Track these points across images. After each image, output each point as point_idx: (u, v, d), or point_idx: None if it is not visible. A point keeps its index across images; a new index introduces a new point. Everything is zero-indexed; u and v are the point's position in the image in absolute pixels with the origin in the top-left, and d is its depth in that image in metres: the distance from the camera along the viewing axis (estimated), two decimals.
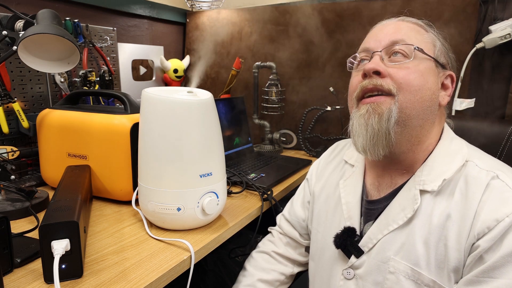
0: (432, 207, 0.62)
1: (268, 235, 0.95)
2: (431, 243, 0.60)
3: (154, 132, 0.75)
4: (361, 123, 0.65)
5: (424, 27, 0.70)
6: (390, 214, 0.66)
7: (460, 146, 0.67)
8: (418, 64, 0.65)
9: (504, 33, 1.18)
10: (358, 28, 1.41)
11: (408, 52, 0.65)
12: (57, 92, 1.19)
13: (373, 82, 0.64)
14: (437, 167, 0.65)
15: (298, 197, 0.91)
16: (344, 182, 0.78)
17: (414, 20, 0.71)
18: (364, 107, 0.65)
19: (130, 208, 0.90)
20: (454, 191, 0.62)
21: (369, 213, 0.71)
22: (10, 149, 1.02)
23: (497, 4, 1.24)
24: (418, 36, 0.67)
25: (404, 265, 0.62)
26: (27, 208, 0.84)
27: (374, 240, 0.66)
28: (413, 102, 0.63)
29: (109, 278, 0.62)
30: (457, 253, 0.58)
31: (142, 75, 1.65)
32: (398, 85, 0.63)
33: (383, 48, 0.66)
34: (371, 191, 0.73)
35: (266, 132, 1.54)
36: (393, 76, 0.64)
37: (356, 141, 0.67)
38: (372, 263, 0.66)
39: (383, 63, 0.65)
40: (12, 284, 0.60)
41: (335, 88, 1.46)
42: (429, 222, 0.61)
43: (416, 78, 0.63)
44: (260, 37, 1.61)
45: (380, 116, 0.63)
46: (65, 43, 0.92)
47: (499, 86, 1.29)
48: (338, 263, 0.72)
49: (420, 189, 0.64)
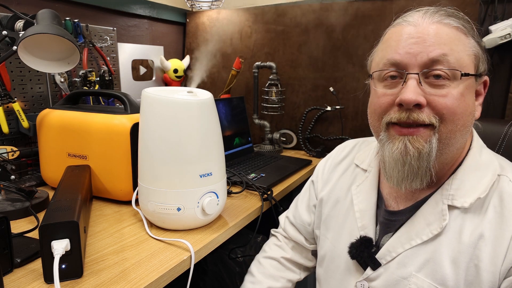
0: (461, 224, 0.58)
1: (273, 238, 0.91)
2: (461, 262, 0.56)
3: (154, 132, 0.75)
4: (397, 159, 0.58)
5: (464, 29, 0.59)
6: (414, 228, 0.61)
7: (490, 158, 0.62)
8: (459, 85, 0.56)
9: (504, 33, 1.18)
10: (358, 28, 1.41)
11: (451, 75, 0.56)
12: (57, 92, 1.19)
13: (413, 117, 0.56)
14: (468, 181, 0.59)
15: (303, 200, 0.87)
16: (357, 188, 0.72)
17: (454, 19, 0.58)
18: (399, 139, 0.58)
19: (130, 208, 0.90)
20: (487, 208, 0.57)
21: (389, 224, 0.66)
22: (10, 149, 1.02)
23: (497, 4, 1.24)
24: (461, 47, 0.57)
25: (428, 284, 0.58)
26: (27, 208, 0.84)
27: (393, 254, 0.62)
28: (455, 131, 0.57)
29: (109, 278, 0.62)
30: (491, 275, 0.53)
31: (142, 75, 1.65)
32: (440, 116, 0.56)
33: (421, 68, 0.56)
34: (389, 200, 0.68)
35: (266, 132, 1.54)
36: (434, 105, 0.56)
37: (390, 174, 0.61)
38: (391, 277, 0.62)
39: (421, 89, 0.56)
40: (12, 284, 0.60)
41: (335, 88, 1.46)
42: (458, 241, 0.57)
43: (460, 105, 0.56)
44: (260, 37, 1.61)
45: (420, 152, 0.56)
46: (65, 43, 0.92)
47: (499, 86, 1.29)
48: (351, 274, 0.68)
49: (449, 204, 0.59)
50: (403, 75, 0.58)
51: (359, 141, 0.84)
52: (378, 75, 0.62)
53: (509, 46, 1.22)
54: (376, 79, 0.63)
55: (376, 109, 0.62)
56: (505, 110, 1.28)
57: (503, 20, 1.21)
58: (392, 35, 0.62)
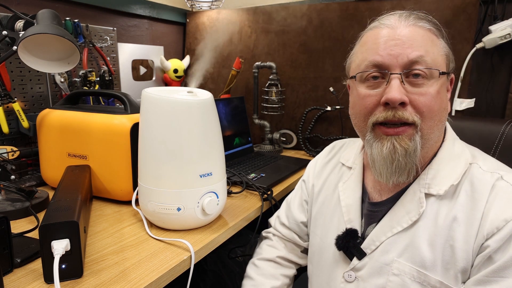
0: (436, 209, 0.62)
1: (265, 240, 0.92)
2: (437, 244, 0.60)
3: (154, 132, 0.75)
4: (386, 157, 0.62)
5: (436, 31, 0.64)
6: (395, 217, 0.65)
7: (462, 148, 0.67)
8: (435, 83, 0.61)
9: (504, 33, 1.19)
10: (359, 28, 1.41)
11: (429, 74, 0.61)
12: (57, 92, 1.19)
13: (399, 115, 0.60)
14: (442, 171, 0.64)
15: (295, 198, 0.89)
16: (343, 185, 0.76)
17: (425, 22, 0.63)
18: (387, 139, 0.62)
19: (130, 208, 0.90)
20: (459, 193, 0.62)
21: (372, 216, 0.70)
22: (10, 149, 1.02)
23: (497, 4, 1.24)
24: (435, 48, 0.62)
25: (409, 267, 0.62)
26: (27, 208, 0.84)
27: (377, 242, 0.66)
28: (433, 127, 0.62)
29: (109, 278, 0.62)
30: (465, 253, 0.58)
31: (142, 75, 1.65)
32: (421, 114, 0.60)
33: (402, 69, 0.60)
34: (373, 193, 0.72)
35: (266, 132, 1.54)
36: (415, 104, 0.60)
37: (380, 171, 0.64)
38: (374, 265, 0.65)
39: (404, 88, 0.60)
40: (12, 284, 0.60)
41: (335, 88, 1.46)
42: (434, 224, 0.61)
43: (436, 102, 0.61)
44: (260, 37, 1.61)
45: (407, 150, 0.61)
46: (65, 43, 0.92)
47: (499, 86, 1.29)
48: (338, 266, 0.71)
49: (425, 192, 0.63)
50: (386, 75, 0.62)
51: (347, 141, 0.88)
52: (360, 76, 0.65)
53: (509, 46, 1.22)
54: (358, 80, 0.66)
55: (362, 110, 0.65)
56: (505, 110, 1.28)
57: (503, 20, 1.22)
58: (370, 37, 0.65)
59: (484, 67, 1.31)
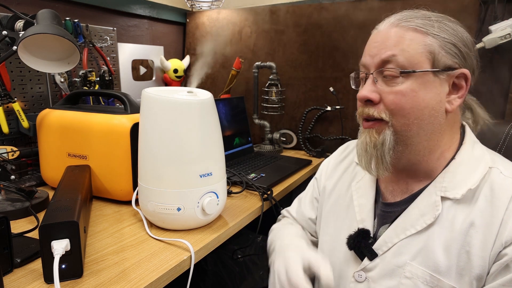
0: (453, 213, 0.61)
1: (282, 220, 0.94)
2: (453, 249, 0.59)
3: (154, 132, 0.75)
4: (362, 147, 0.67)
5: (422, 29, 0.62)
6: (408, 219, 0.64)
7: (482, 152, 0.66)
8: (412, 83, 0.61)
9: (504, 33, 1.18)
10: (358, 28, 1.41)
11: (397, 74, 0.62)
12: (57, 92, 1.19)
13: (366, 111, 0.65)
14: (460, 174, 0.63)
15: (307, 195, 0.90)
16: (357, 184, 0.76)
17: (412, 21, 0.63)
18: (363, 132, 0.67)
19: (130, 208, 0.90)
20: (477, 198, 0.60)
21: (385, 216, 0.69)
22: (10, 149, 1.02)
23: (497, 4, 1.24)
24: (413, 46, 0.61)
25: (422, 271, 0.61)
26: (27, 208, 0.84)
27: (389, 244, 0.65)
28: (408, 124, 0.62)
29: (109, 278, 0.62)
30: (481, 260, 0.57)
31: (142, 75, 1.65)
32: (390, 111, 0.62)
33: (375, 68, 0.64)
34: (386, 194, 0.72)
35: (266, 132, 1.54)
36: (385, 102, 0.63)
37: (360, 160, 0.69)
38: (386, 267, 0.65)
39: (375, 87, 0.64)
40: (12, 284, 0.60)
41: (335, 88, 1.46)
42: (450, 229, 0.60)
43: (408, 100, 0.61)
44: (260, 37, 1.61)
45: (374, 143, 0.65)
46: (65, 43, 0.92)
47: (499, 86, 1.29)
48: (349, 265, 0.70)
49: (442, 195, 0.63)
50: (368, 75, 0.66)
51: None
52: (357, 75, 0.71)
53: (509, 46, 1.22)
54: (360, 79, 0.71)
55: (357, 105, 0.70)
56: (505, 110, 1.28)
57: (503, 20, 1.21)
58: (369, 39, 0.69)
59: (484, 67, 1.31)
